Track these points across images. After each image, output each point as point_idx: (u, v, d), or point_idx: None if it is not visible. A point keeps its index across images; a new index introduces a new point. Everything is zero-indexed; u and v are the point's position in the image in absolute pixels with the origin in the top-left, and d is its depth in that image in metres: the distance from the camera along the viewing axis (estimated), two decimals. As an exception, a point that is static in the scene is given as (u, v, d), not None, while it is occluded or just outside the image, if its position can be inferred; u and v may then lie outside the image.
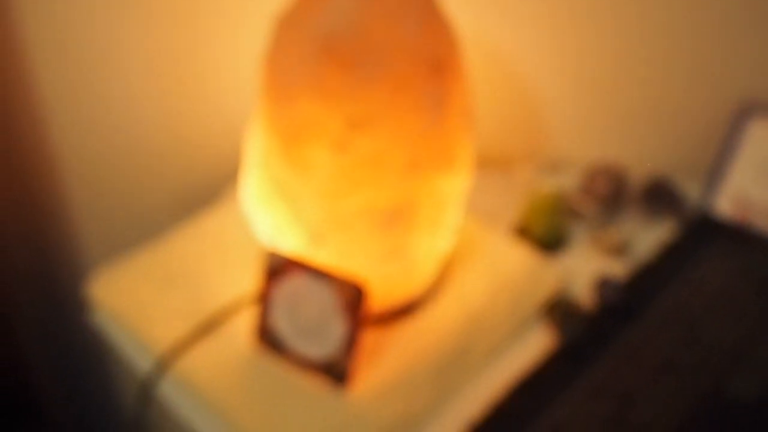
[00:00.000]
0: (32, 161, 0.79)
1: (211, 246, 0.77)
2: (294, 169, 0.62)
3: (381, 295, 0.68)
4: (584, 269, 0.81)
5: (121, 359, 0.75)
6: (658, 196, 0.86)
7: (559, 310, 0.76)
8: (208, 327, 0.70)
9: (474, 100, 0.67)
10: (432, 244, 0.68)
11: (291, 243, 0.66)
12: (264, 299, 0.67)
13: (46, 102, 0.75)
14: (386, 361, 0.69)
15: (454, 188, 0.67)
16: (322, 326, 0.65)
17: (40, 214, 0.83)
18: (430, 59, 0.60)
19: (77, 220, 0.84)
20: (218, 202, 0.83)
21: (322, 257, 0.65)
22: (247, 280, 0.73)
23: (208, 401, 0.67)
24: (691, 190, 0.89)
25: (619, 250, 0.82)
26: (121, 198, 0.84)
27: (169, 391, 0.69)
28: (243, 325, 0.71)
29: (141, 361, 0.71)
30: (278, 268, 0.66)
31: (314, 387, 0.67)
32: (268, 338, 0.68)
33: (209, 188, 0.86)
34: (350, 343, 0.65)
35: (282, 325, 0.67)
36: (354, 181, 0.61)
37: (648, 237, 0.84)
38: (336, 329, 0.65)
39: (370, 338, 0.70)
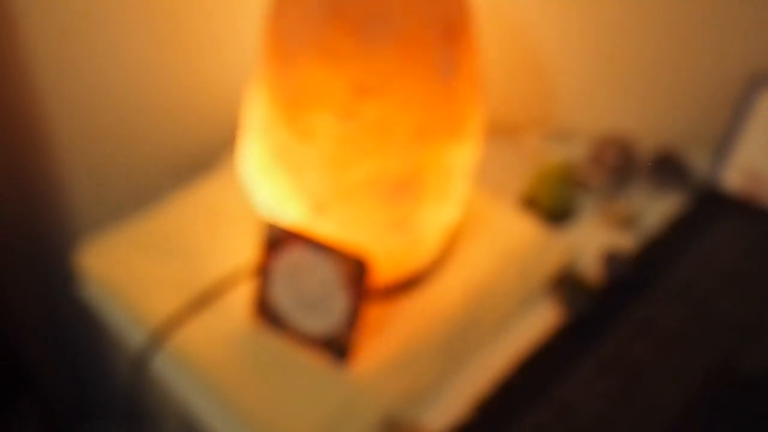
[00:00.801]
0: (20, 126, 0.76)
1: (208, 215, 0.74)
2: (297, 137, 0.59)
3: (385, 268, 0.65)
4: (592, 242, 0.78)
5: (113, 333, 0.72)
6: (667, 168, 0.84)
7: (566, 284, 0.74)
8: (204, 300, 0.68)
9: (484, 67, 0.64)
10: (438, 215, 0.65)
11: (292, 213, 0.63)
12: (263, 272, 0.64)
13: (35, 66, 0.72)
14: (390, 336, 0.67)
15: (462, 158, 0.64)
16: (324, 300, 0.63)
17: (28, 182, 0.80)
18: (441, 22, 0.56)
19: (67, 186, 0.80)
20: (215, 170, 0.80)
21: (325, 228, 0.63)
22: (245, 251, 0.71)
23: (205, 378, 0.64)
24: (699, 162, 0.87)
25: (627, 222, 0.80)
26: (113, 163, 0.81)
27: (163, 366, 0.67)
28: (241, 299, 0.68)
29: (134, 336, 0.69)
30: (278, 240, 0.63)
31: (315, 363, 0.64)
32: (267, 312, 0.66)
33: (206, 154, 0.83)
34: (352, 318, 0.62)
35: (282, 298, 0.64)
36: (360, 150, 0.59)
37: (656, 209, 0.82)
38: (338, 303, 0.62)
39: (373, 312, 0.67)
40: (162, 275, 0.70)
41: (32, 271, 0.86)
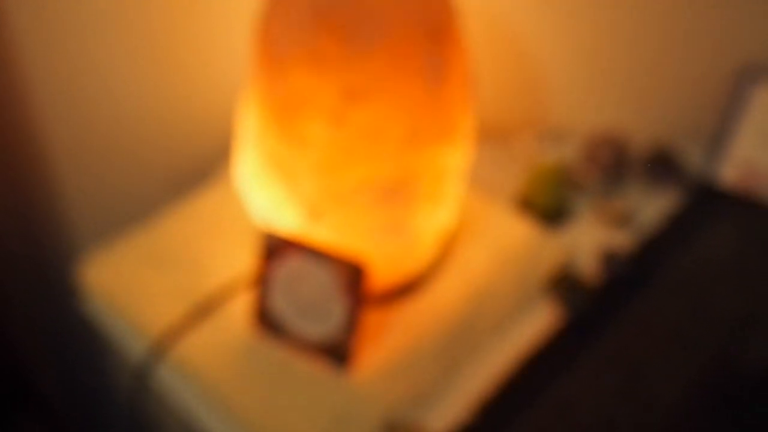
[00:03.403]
0: (18, 141, 0.76)
1: (205, 226, 0.74)
2: (289, 144, 0.60)
3: (382, 273, 0.65)
4: (588, 241, 0.79)
5: (114, 344, 0.73)
6: (661, 165, 0.85)
7: (563, 284, 0.74)
8: (204, 310, 0.68)
9: (474, 69, 0.65)
10: (433, 218, 0.66)
11: (288, 220, 0.64)
12: (261, 281, 0.65)
13: (31, 81, 0.72)
14: (389, 341, 0.67)
15: (454, 160, 0.64)
16: (322, 307, 0.63)
17: (27, 196, 0.80)
18: (427, 27, 0.57)
19: (65, 201, 0.81)
20: (211, 181, 0.80)
21: (321, 234, 0.63)
22: (243, 260, 0.71)
23: (206, 387, 0.65)
24: (694, 158, 0.87)
25: (623, 220, 0.81)
26: (110, 175, 0.81)
27: (165, 377, 0.67)
28: (240, 308, 0.68)
29: (135, 347, 0.69)
30: (276, 248, 0.63)
31: (315, 369, 0.65)
32: (267, 321, 0.66)
33: (201, 166, 0.83)
34: (351, 324, 0.63)
35: (281, 306, 0.65)
36: (352, 155, 0.59)
37: (651, 207, 0.82)
38: (336, 310, 0.63)
39: (371, 318, 0.68)
40: (162, 286, 0.70)
41: (32, 285, 0.86)
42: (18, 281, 0.85)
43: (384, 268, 0.65)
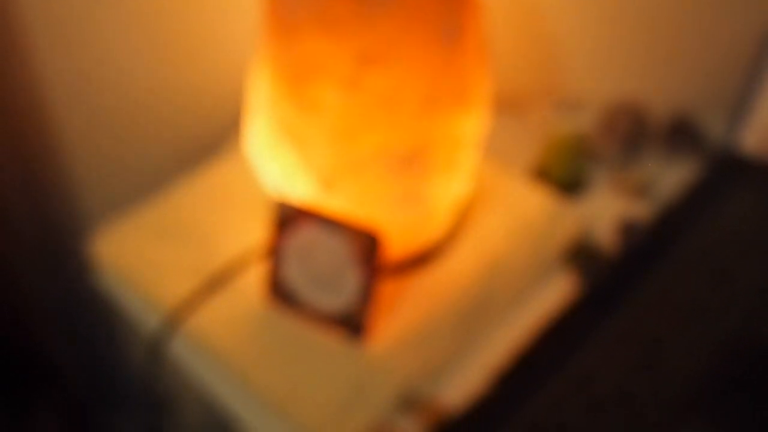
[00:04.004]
0: (25, 116, 0.75)
1: (217, 197, 0.73)
2: (302, 111, 0.59)
3: (397, 243, 0.64)
4: (606, 212, 0.77)
5: (128, 319, 0.72)
6: (681, 134, 0.83)
7: (581, 255, 0.73)
8: (218, 282, 0.67)
9: (490, 33, 0.63)
10: (449, 187, 0.64)
11: (300, 190, 0.63)
12: (275, 251, 0.64)
13: (38, 51, 0.71)
14: (405, 312, 0.66)
15: (471, 127, 0.63)
16: (337, 277, 0.62)
17: (35, 172, 0.79)
18: (443, -12, 0.55)
19: (75, 176, 0.80)
20: (222, 151, 0.79)
21: (334, 204, 0.62)
22: (256, 231, 0.70)
23: (221, 359, 0.64)
24: (716, 125, 0.85)
25: (641, 191, 0.79)
26: (119, 151, 0.80)
27: (179, 350, 0.67)
28: (253, 279, 0.68)
29: (149, 321, 0.69)
30: (289, 218, 0.62)
31: (330, 340, 0.64)
32: (281, 292, 0.65)
33: (211, 136, 0.82)
34: (366, 294, 0.62)
35: (294, 277, 0.64)
36: (366, 122, 0.58)
37: (671, 177, 0.81)
38: (351, 280, 0.62)
39: (387, 288, 0.67)
40: (175, 260, 0.69)
41: (44, 262, 0.86)
42: (29, 259, 0.85)
43: (399, 237, 0.64)
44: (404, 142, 0.59)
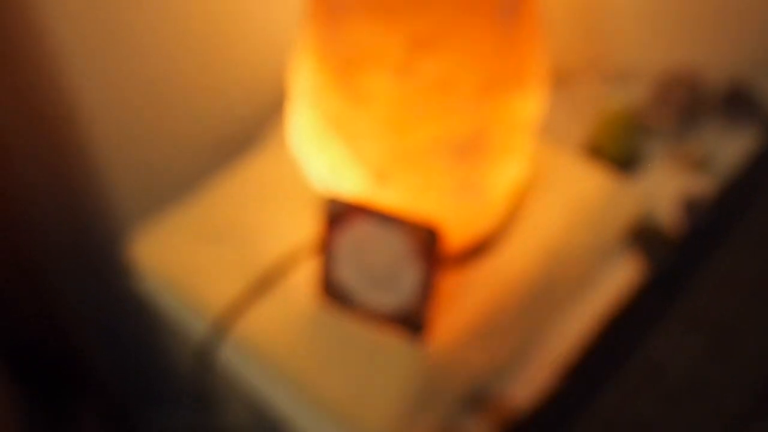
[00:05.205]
0: (56, 115, 0.72)
1: (259, 194, 0.70)
2: (351, 102, 0.55)
3: (454, 234, 0.61)
4: (665, 189, 0.73)
5: (172, 325, 0.69)
6: (738, 102, 0.79)
7: (644, 236, 0.69)
8: (265, 284, 0.64)
9: (544, 8, 0.59)
10: (506, 173, 0.61)
11: (351, 185, 0.59)
12: (325, 249, 0.61)
13: (67, 45, 0.68)
14: (465, 307, 0.63)
15: (528, 109, 0.59)
16: (394, 274, 0.59)
17: (69, 177, 0.77)
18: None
19: (109, 178, 0.77)
20: (263, 144, 0.75)
21: (388, 198, 0.58)
22: (303, 228, 0.67)
23: (274, 364, 0.61)
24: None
25: (701, 165, 0.75)
26: (155, 148, 0.77)
27: (228, 356, 0.64)
28: (303, 279, 0.64)
29: (195, 325, 0.66)
30: (340, 215, 0.59)
31: (389, 340, 0.61)
32: (334, 291, 0.62)
33: (250, 129, 0.79)
34: (426, 290, 0.59)
35: (348, 276, 0.61)
36: (421, 111, 0.54)
37: (731, 148, 0.77)
38: (409, 276, 0.59)
39: (445, 283, 0.63)
40: (218, 261, 0.66)
41: (82, 269, 0.83)
42: (67, 267, 0.82)
43: (456, 229, 0.61)
44: (460, 129, 0.56)
